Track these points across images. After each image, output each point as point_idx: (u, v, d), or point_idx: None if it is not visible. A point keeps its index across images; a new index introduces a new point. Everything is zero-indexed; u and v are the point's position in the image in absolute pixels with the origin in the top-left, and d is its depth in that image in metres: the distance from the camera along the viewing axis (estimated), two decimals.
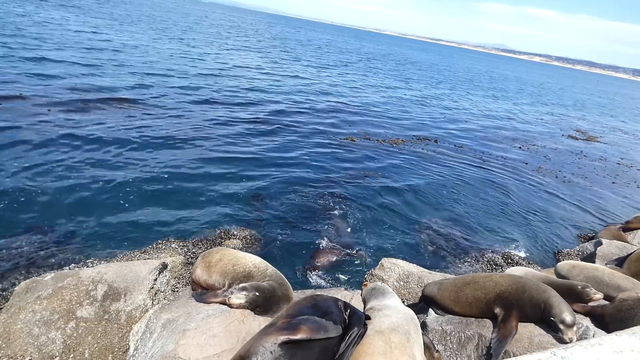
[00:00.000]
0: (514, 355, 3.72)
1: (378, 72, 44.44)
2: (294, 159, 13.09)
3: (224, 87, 21.60)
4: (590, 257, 7.85)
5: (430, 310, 4.96)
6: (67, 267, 6.09)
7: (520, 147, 20.77)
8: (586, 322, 4.38)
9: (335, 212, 9.84)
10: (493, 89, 50.53)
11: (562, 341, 3.86)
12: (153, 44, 32.10)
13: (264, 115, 17.56)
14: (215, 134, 13.89)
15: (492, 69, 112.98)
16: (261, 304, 4.00)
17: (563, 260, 8.26)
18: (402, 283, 6.03)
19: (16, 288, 4.26)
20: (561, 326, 3.87)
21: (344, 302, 3.49)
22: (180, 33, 45.26)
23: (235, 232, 7.92)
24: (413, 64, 68.83)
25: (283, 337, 2.82)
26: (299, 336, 2.83)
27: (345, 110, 21.81)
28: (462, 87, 45.51)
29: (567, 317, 3.88)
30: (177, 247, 7.00)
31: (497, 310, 4.29)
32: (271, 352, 2.76)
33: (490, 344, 4.08)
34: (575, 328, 3.88)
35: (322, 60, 46.53)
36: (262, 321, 3.85)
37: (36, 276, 4.42)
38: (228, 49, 39.24)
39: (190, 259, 6.45)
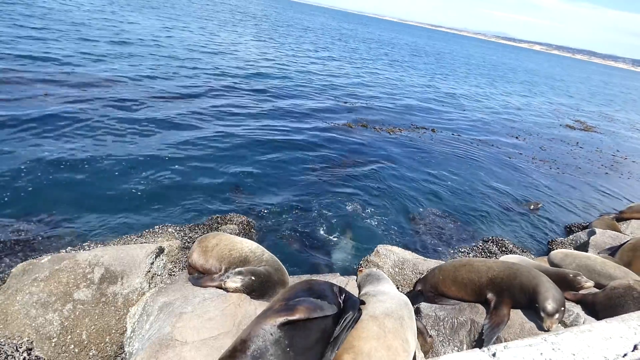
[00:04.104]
0: (505, 341, 3.79)
1: (383, 60, 44.02)
2: (290, 144, 13.04)
3: (225, 71, 21.34)
4: (584, 246, 7.94)
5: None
6: (64, 250, 6.09)
7: (517, 137, 20.79)
8: (577, 309, 4.45)
9: (331, 198, 9.87)
10: (496, 77, 50.26)
11: (542, 329, 3.88)
12: (143, 24, 31.59)
13: (261, 100, 17.43)
14: (214, 120, 13.80)
15: (494, 57, 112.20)
16: (257, 288, 4.04)
17: (556, 249, 8.37)
18: (397, 269, 6.10)
19: (13, 270, 4.27)
20: (542, 314, 3.87)
21: (339, 287, 3.53)
22: (182, 16, 44.50)
23: (232, 218, 7.93)
24: (418, 52, 68.19)
25: (281, 319, 2.87)
26: (297, 316, 2.88)
27: (344, 97, 21.66)
28: (467, 77, 45.22)
29: (549, 305, 3.85)
30: (173, 231, 7.01)
31: (490, 295, 4.34)
32: (271, 334, 2.81)
33: (482, 330, 4.15)
34: (556, 317, 3.85)
35: (327, 46, 46.00)
36: (258, 305, 3.89)
37: (32, 258, 4.43)
38: (235, 35, 38.68)
39: (187, 244, 6.47)
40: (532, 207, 11.88)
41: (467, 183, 12.73)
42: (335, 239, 8.18)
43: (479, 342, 4.11)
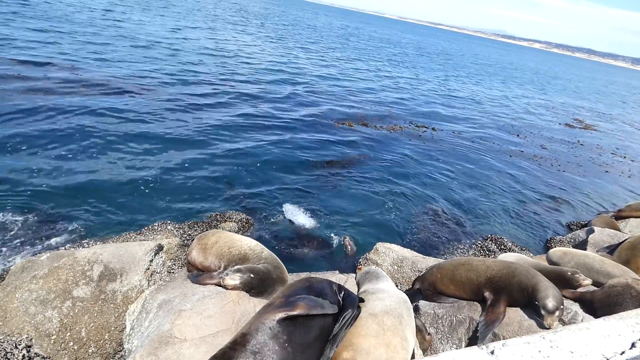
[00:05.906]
0: (503, 339, 3.79)
1: (387, 59, 43.94)
2: (288, 143, 13.02)
3: (232, 72, 21.23)
4: (582, 245, 7.95)
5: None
6: (63, 248, 6.10)
7: (518, 135, 20.79)
8: (575, 307, 4.45)
9: (331, 196, 9.87)
10: (496, 76, 50.21)
11: (544, 327, 3.90)
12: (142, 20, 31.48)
13: (263, 99, 17.40)
14: (215, 118, 13.77)
15: (495, 55, 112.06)
16: (256, 285, 4.04)
17: (555, 247, 8.38)
18: (396, 267, 6.11)
19: (12, 267, 4.28)
20: (542, 311, 3.89)
21: (338, 284, 3.53)
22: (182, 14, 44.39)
23: (231, 215, 7.93)
24: (421, 51, 68.06)
25: (281, 314, 2.88)
26: (296, 312, 2.89)
27: (345, 96, 21.63)
28: (469, 76, 45.15)
29: (549, 303, 3.88)
30: (173, 229, 7.01)
31: (487, 293, 4.35)
32: (270, 328, 2.82)
33: (477, 326, 4.16)
34: (557, 314, 3.87)
35: (329, 45, 45.90)
36: (257, 303, 3.90)
37: (32, 256, 4.43)
38: (243, 35, 38.58)
39: (186, 241, 6.48)
40: (556, 202, 12.19)
41: (466, 181, 12.74)
42: (334, 236, 8.19)
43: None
